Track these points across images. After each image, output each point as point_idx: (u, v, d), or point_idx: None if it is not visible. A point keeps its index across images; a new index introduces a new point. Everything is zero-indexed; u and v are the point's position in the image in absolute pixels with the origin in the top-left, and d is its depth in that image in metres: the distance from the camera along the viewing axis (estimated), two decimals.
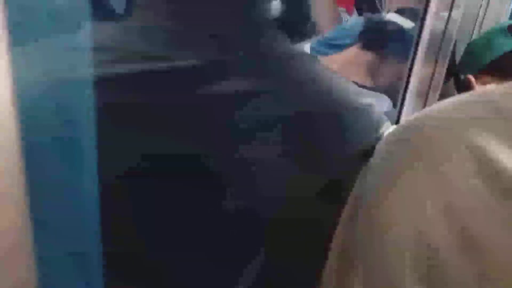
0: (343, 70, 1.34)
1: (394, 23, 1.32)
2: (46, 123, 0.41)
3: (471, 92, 0.48)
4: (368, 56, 1.36)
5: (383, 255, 0.42)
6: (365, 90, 1.27)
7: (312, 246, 0.52)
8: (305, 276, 0.52)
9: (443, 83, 1.05)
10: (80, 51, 0.43)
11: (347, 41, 1.43)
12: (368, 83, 1.35)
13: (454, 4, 0.95)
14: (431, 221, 0.40)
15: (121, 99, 0.45)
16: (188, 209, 0.48)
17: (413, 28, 1.22)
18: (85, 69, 0.43)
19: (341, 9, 1.77)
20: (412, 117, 0.50)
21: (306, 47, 1.50)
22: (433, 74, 0.99)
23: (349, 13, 1.89)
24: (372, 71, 1.36)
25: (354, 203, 0.49)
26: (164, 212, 0.47)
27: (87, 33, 0.42)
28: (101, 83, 0.43)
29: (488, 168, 0.39)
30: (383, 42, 1.36)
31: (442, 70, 1.00)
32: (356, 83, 1.35)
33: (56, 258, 0.40)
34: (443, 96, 1.06)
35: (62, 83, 0.42)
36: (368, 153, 0.52)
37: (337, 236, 0.50)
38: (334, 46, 1.46)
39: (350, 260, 0.46)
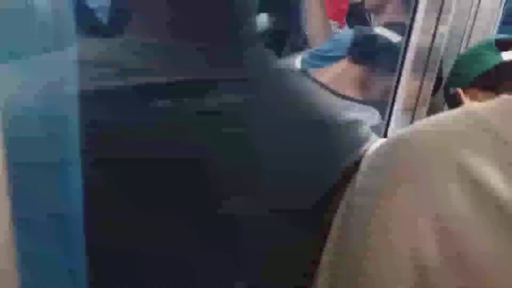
0: (334, 83, 1.35)
1: (382, 36, 1.33)
2: (31, 134, 0.41)
3: (459, 109, 0.48)
4: (357, 69, 1.37)
5: (376, 272, 0.42)
6: (353, 104, 1.28)
7: (295, 266, 0.52)
8: None
9: (431, 95, 1.06)
10: (67, 66, 0.43)
11: (338, 53, 1.44)
12: (357, 95, 1.36)
13: (441, 19, 0.96)
14: (423, 239, 0.40)
15: (106, 113, 0.45)
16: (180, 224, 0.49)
17: (401, 42, 1.24)
18: (71, 84, 0.43)
19: (333, 22, 1.79)
20: (400, 132, 0.49)
21: (298, 59, 1.52)
22: (420, 88, 1.00)
23: (341, 26, 1.90)
24: (362, 84, 1.37)
25: (343, 221, 0.49)
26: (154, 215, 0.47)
27: (74, 48, 0.42)
28: (87, 98, 0.43)
29: (476, 189, 0.39)
30: (372, 55, 1.37)
31: (429, 84, 1.01)
32: (346, 96, 1.36)
33: (39, 257, 0.41)
34: (431, 108, 1.07)
35: (48, 97, 0.43)
36: (352, 169, 0.52)
37: (326, 254, 0.49)
38: (325, 58, 1.48)
39: (341, 277, 0.46)
